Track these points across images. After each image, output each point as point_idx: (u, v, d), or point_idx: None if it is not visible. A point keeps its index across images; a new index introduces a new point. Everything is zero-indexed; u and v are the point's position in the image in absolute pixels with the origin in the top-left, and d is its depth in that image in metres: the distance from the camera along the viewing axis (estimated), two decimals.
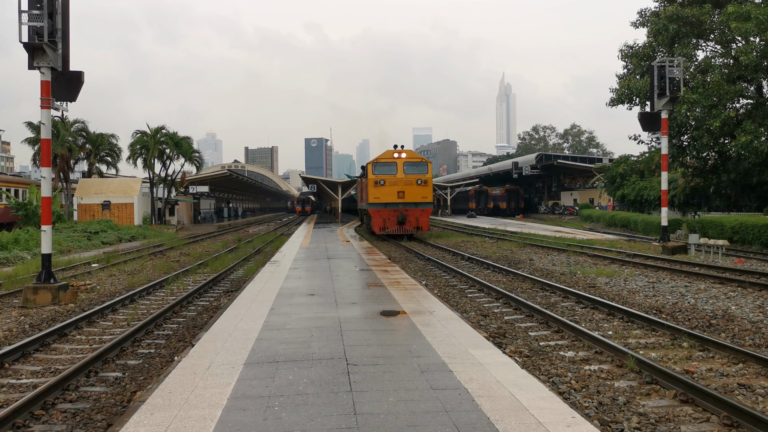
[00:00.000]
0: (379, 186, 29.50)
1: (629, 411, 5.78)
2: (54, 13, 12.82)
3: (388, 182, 29.46)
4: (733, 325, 9.58)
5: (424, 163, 30.75)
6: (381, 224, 29.54)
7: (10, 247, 23.94)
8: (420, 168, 30.26)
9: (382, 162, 30.33)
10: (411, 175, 29.82)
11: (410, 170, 29.95)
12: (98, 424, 6.05)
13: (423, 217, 29.76)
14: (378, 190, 29.55)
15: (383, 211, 29.50)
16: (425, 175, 30.21)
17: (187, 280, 16.62)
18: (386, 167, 30.06)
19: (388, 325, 8.76)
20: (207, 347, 7.48)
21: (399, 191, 29.37)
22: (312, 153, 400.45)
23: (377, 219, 29.68)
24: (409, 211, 29.50)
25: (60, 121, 44.39)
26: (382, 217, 29.52)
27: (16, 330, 10.41)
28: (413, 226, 29.52)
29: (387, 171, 29.89)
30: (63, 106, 14.04)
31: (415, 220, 29.54)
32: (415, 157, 30.80)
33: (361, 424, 4.88)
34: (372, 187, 29.67)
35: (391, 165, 30.06)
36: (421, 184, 29.70)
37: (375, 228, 29.76)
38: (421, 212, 29.72)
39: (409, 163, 30.19)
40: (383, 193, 29.44)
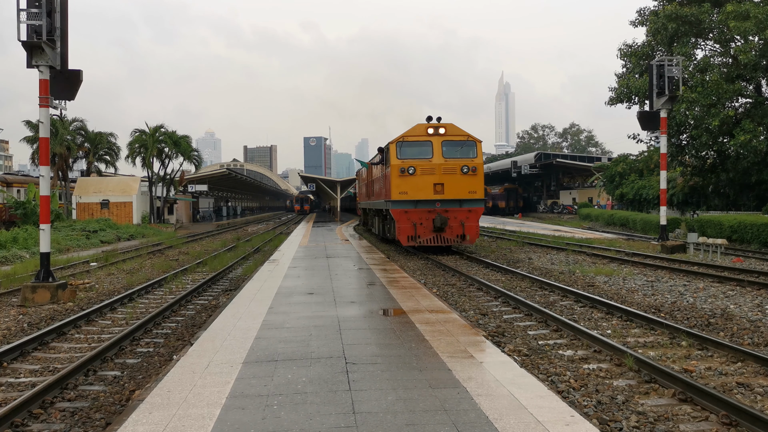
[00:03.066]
0: (406, 176, 20.54)
1: (628, 410, 5.78)
2: (52, 11, 12.80)
3: (420, 170, 20.55)
4: (731, 324, 9.58)
5: (472, 143, 21.25)
6: (410, 231, 20.49)
7: (8, 245, 23.92)
8: (466, 149, 21.18)
9: (412, 141, 21.05)
10: (453, 159, 20.76)
11: (452, 153, 21.00)
12: (97, 423, 6.04)
13: (470, 221, 20.77)
14: (405, 182, 20.58)
15: (413, 213, 20.54)
16: (473, 159, 20.96)
17: (185, 279, 16.61)
18: (417, 148, 21.04)
19: (387, 323, 8.76)
20: (206, 346, 7.48)
21: (436, 183, 20.57)
22: (311, 152, 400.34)
23: (404, 224, 20.53)
24: (450, 213, 20.63)
25: (59, 119, 44.33)
26: (411, 222, 20.46)
27: (15, 329, 10.39)
28: (456, 234, 20.49)
29: (418, 154, 20.94)
30: (62, 104, 14.02)
31: (458, 226, 20.49)
32: (458, 133, 21.33)
33: (360, 423, 4.88)
34: (396, 177, 20.66)
35: (424, 145, 21.02)
36: (468, 172, 20.68)
37: (400, 236, 20.58)
38: (468, 214, 20.77)
39: (451, 143, 21.08)
40: (413, 185, 20.58)
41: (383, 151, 23.37)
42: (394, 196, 20.76)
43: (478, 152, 21.32)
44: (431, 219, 20.56)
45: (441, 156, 20.79)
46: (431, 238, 20.50)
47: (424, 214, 20.60)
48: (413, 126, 21.54)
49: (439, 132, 21.12)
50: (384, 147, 23.27)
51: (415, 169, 20.64)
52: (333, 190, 71.94)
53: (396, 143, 21.15)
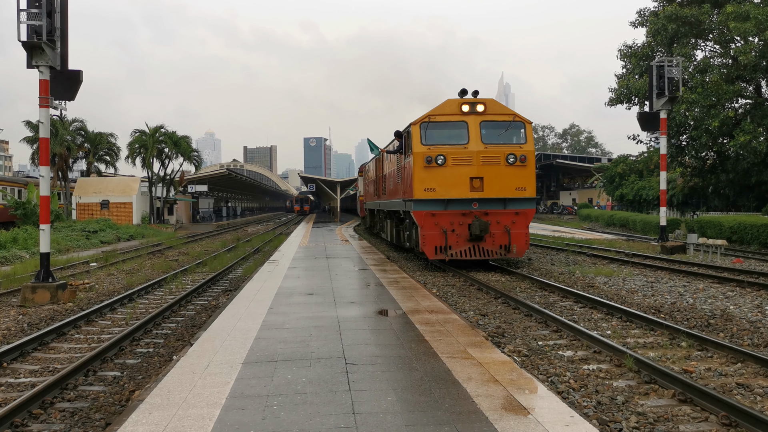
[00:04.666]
0: (434, 167, 15.97)
1: (628, 410, 5.78)
2: (53, 11, 12.80)
3: (452, 160, 16.00)
4: (731, 324, 9.58)
5: (519, 124, 16.51)
6: (438, 240, 15.93)
7: (8, 246, 23.92)
8: (511, 132, 16.47)
9: (441, 121, 16.35)
10: (495, 146, 16.14)
11: (494, 136, 16.34)
12: (96, 423, 6.04)
13: (518, 226, 16.13)
14: (432, 176, 16.00)
15: (443, 216, 16.01)
16: (522, 146, 16.30)
17: (185, 280, 16.60)
18: (448, 131, 16.50)
19: (387, 324, 8.76)
20: (206, 346, 7.48)
21: (473, 177, 15.98)
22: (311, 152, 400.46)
23: (431, 230, 16.01)
24: (492, 216, 16.06)
25: (59, 120, 44.34)
26: (439, 228, 15.95)
27: (15, 329, 10.39)
28: (500, 243, 16.05)
29: (450, 138, 16.39)
30: (62, 104, 14.03)
31: (502, 233, 16.04)
32: (501, 111, 16.71)
33: (360, 424, 4.88)
34: (420, 169, 16.09)
35: (456, 127, 16.36)
36: (515, 163, 16.04)
37: (426, 247, 15.96)
38: (515, 218, 16.15)
39: (492, 124, 16.42)
40: (443, 180, 16.01)
41: (402, 135, 18.09)
42: (417, 194, 15.97)
43: (527, 136, 16.37)
44: (466, 224, 15.88)
45: (479, 141, 16.01)
46: (466, 249, 15.76)
47: (456, 217, 15.93)
48: (442, 102, 16.49)
49: (476, 110, 16.16)
50: (403, 130, 17.99)
51: (445, 159, 15.83)
52: (333, 190, 71.98)
53: (420, 124, 16.21)
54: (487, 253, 15.98)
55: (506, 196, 16.03)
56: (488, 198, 16.00)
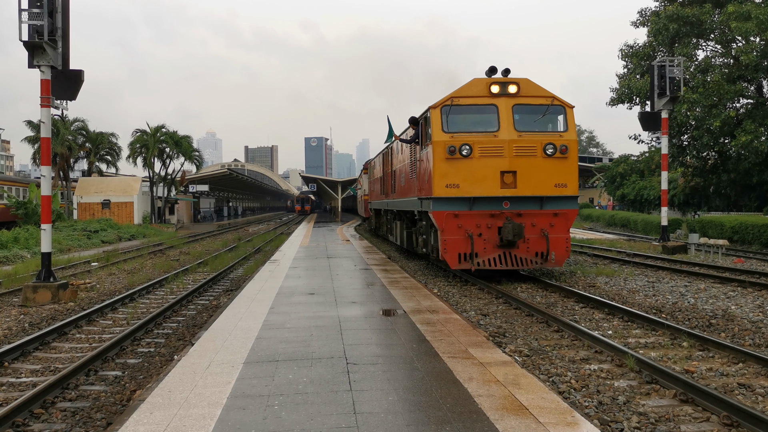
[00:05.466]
0: (457, 159, 13.52)
1: (629, 410, 5.78)
2: (54, 11, 12.81)
3: (479, 150, 13.52)
4: (733, 324, 9.58)
5: (559, 108, 14.17)
6: (462, 247, 13.47)
7: (9, 245, 23.94)
8: (550, 117, 14.19)
9: (466, 104, 13.95)
10: (531, 134, 13.72)
11: (529, 123, 13.94)
12: (98, 422, 6.05)
13: (557, 230, 13.74)
14: (455, 169, 13.57)
15: (468, 217, 13.57)
16: (563, 134, 13.90)
17: (186, 279, 16.61)
18: (474, 116, 14.13)
19: (388, 324, 8.76)
20: (207, 346, 7.48)
21: (505, 171, 13.56)
22: (312, 152, 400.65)
23: (453, 235, 13.55)
24: (526, 218, 13.66)
25: (60, 119, 44.37)
26: (464, 231, 13.52)
27: (16, 328, 10.40)
28: (535, 251, 13.63)
29: (476, 124, 14.00)
30: (63, 104, 14.04)
31: (539, 238, 13.61)
32: (537, 93, 14.15)
33: (361, 423, 4.88)
34: (441, 160, 13.61)
35: (484, 111, 13.99)
36: (555, 154, 13.64)
37: (448, 255, 13.52)
38: (554, 220, 13.76)
39: (527, 108, 14.04)
40: (468, 174, 13.56)
41: (418, 122, 15.56)
42: (437, 191, 13.48)
43: (569, 123, 13.94)
44: (496, 227, 13.42)
45: (512, 128, 13.52)
46: (496, 257, 13.39)
47: (484, 219, 13.47)
48: (468, 82, 14.04)
49: (508, 91, 13.72)
50: (419, 116, 15.41)
51: (471, 149, 13.37)
52: (334, 190, 72.02)
53: (441, 108, 13.73)
54: (520, 261, 13.53)
55: (543, 194, 13.60)
56: (522, 196, 13.57)
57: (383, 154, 24.29)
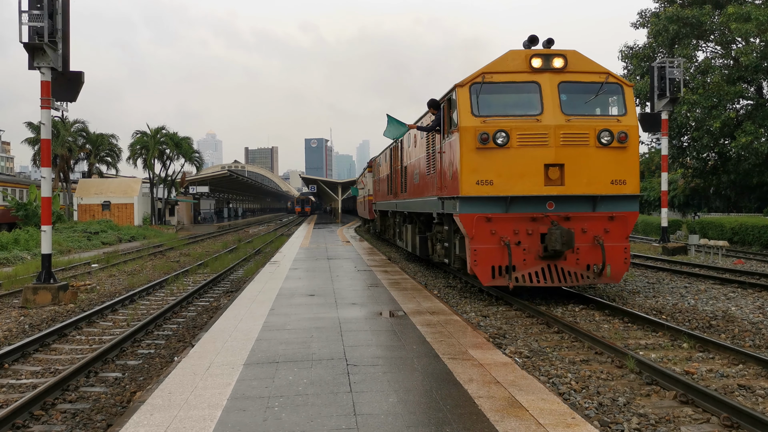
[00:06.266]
0: (490, 150, 11.12)
1: (629, 412, 5.78)
2: (54, 13, 12.81)
3: (518, 138, 11.10)
4: (733, 326, 9.57)
5: (616, 87, 11.78)
6: (497, 258, 11.03)
7: (10, 247, 23.95)
8: (606, 98, 11.91)
9: (501, 82, 11.55)
10: (581, 118, 11.40)
11: (578, 104, 11.69)
12: (98, 424, 6.05)
13: (613, 237, 11.32)
14: (487, 161, 11.16)
15: (503, 222, 11.13)
16: (621, 118, 11.57)
17: (187, 281, 16.62)
18: (511, 95, 11.91)
19: (388, 325, 8.76)
20: (207, 347, 7.48)
21: (550, 164, 11.17)
22: (312, 153, 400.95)
23: (485, 243, 11.06)
24: (575, 222, 11.23)
25: (60, 121, 44.40)
26: (498, 239, 11.05)
27: (16, 330, 10.41)
28: (587, 263, 11.21)
29: (513, 106, 11.78)
30: (63, 106, 14.05)
31: (592, 248, 11.20)
32: (588, 68, 11.74)
33: (361, 425, 4.88)
34: (470, 151, 11.18)
35: (524, 90, 11.66)
36: (612, 143, 11.30)
37: (479, 267, 11.00)
38: (610, 225, 11.33)
39: (576, 86, 11.71)
40: (504, 167, 11.14)
41: (439, 105, 12.92)
42: (465, 188, 11.01)
43: (627, 105, 11.53)
44: (538, 234, 10.95)
45: (558, 110, 11.09)
46: (539, 271, 10.86)
47: (524, 223, 10.96)
48: (502, 55, 11.58)
49: (552, 65, 11.31)
50: (441, 98, 12.76)
51: (508, 136, 10.90)
52: (334, 191, 72.05)
53: (470, 86, 11.24)
54: (567, 276, 10.93)
55: (597, 193, 11.06)
56: (571, 195, 11.03)
57: (391, 150, 22.09)
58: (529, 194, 11.02)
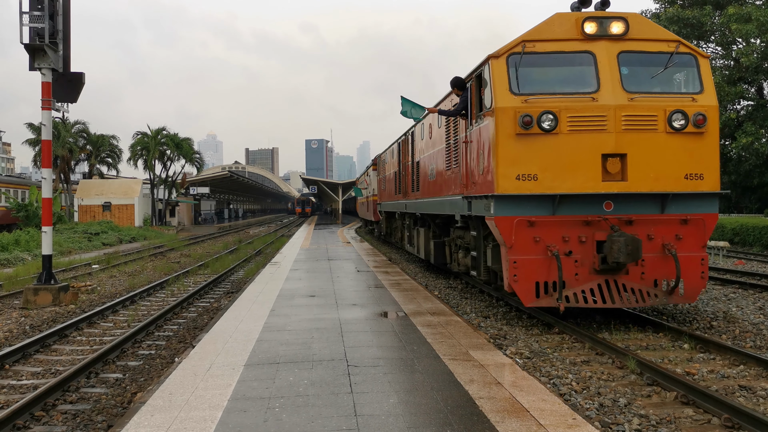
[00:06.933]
0: (534, 136, 8.79)
1: (630, 413, 5.77)
2: (55, 14, 12.83)
3: (569, 121, 8.79)
4: (734, 326, 9.56)
5: (689, 58, 9.33)
6: (542, 272, 8.77)
7: (10, 248, 23.96)
8: (676, 72, 9.57)
9: (546, 52, 9.18)
10: (647, 96, 8.99)
11: (643, 80, 9.29)
12: (98, 425, 6.05)
13: (687, 245, 8.99)
14: (530, 150, 8.83)
15: (551, 225, 8.84)
16: (696, 96, 9.12)
17: (187, 282, 16.62)
18: (559, 69, 9.46)
19: (389, 326, 8.75)
20: (207, 348, 7.48)
21: (608, 154, 8.84)
22: (312, 154, 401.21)
23: (527, 251, 8.78)
24: (640, 227, 8.92)
25: (61, 122, 44.43)
26: (543, 249, 8.78)
27: (17, 331, 10.41)
28: (654, 277, 9.01)
29: (562, 82, 9.37)
30: (64, 107, 14.06)
31: (660, 258, 8.93)
32: (654, 34, 9.37)
33: (362, 426, 4.88)
34: (508, 137, 8.83)
35: (574, 61, 9.31)
36: (686, 127, 8.89)
37: (519, 283, 8.74)
38: (682, 230, 9.02)
39: (640, 57, 9.29)
40: (551, 158, 8.82)
41: (464, 85, 10.81)
42: (501, 184, 8.90)
43: (704, 81, 9.33)
44: (593, 242, 8.90)
45: (619, 87, 8.98)
46: (595, 289, 8.85)
47: (575, 229, 8.92)
48: (547, 19, 9.52)
49: (610, 31, 9.20)
50: (469, 75, 10.56)
51: (556, 119, 8.80)
52: (334, 192, 72.08)
53: (507, 57, 9.15)
54: (631, 295, 8.83)
55: (668, 190, 8.91)
56: (634, 193, 8.88)
57: (399, 144, 19.75)
58: (582, 192, 8.85)
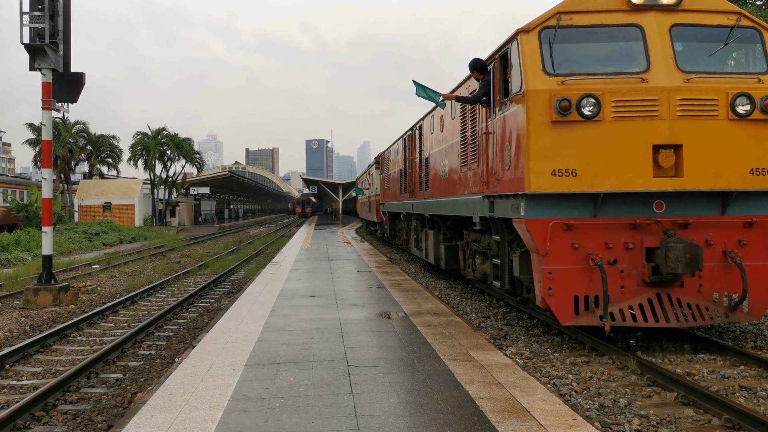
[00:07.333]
0: (571, 125, 7.44)
1: (630, 413, 5.77)
2: (55, 14, 12.83)
3: (613, 106, 7.43)
4: (734, 326, 9.56)
5: (753, 33, 7.91)
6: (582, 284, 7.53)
7: (11, 248, 23.96)
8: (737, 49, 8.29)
9: (586, 25, 7.80)
10: (705, 77, 7.57)
11: (699, 57, 7.87)
12: (99, 425, 6.06)
13: (753, 252, 7.69)
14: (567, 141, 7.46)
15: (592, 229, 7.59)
16: (762, 78, 7.67)
17: (187, 282, 16.62)
18: (601, 44, 8.02)
19: (389, 326, 8.75)
20: (208, 348, 7.48)
21: (660, 145, 7.43)
22: (313, 154, 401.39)
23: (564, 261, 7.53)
24: (696, 230, 7.64)
25: (61, 122, 44.44)
26: (584, 256, 7.51)
27: (17, 331, 10.41)
28: (715, 291, 7.73)
29: (604, 60, 7.95)
30: (64, 107, 14.06)
31: (721, 267, 7.65)
32: (710, 5, 7.90)
33: (362, 426, 4.87)
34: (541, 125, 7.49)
35: (620, 36, 7.87)
36: (751, 113, 7.46)
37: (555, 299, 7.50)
38: (747, 234, 7.71)
39: (693, 31, 7.88)
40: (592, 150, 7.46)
41: (485, 68, 9.49)
42: (533, 181, 7.61)
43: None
44: (641, 249, 7.69)
45: (672, 66, 7.67)
46: (644, 303, 7.65)
47: (620, 233, 7.73)
48: None
49: (660, 1, 7.90)
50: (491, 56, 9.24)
51: (598, 105, 7.50)
52: (335, 192, 72.06)
53: (539, 32, 7.88)
54: (687, 311, 7.61)
55: (730, 188, 7.63)
56: (691, 191, 7.63)
57: (405, 139, 18.29)
58: (630, 190, 7.54)
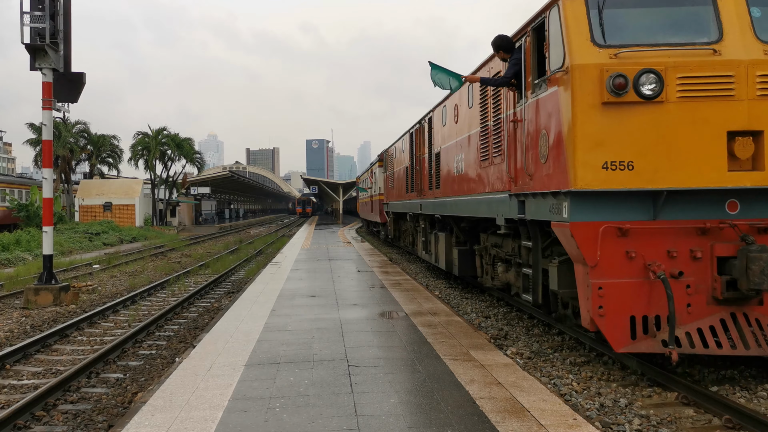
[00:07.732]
0: (626, 106, 5.95)
1: (631, 413, 5.77)
2: (56, 14, 12.83)
3: (679, 84, 5.92)
4: None
5: None
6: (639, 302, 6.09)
7: (11, 248, 23.97)
8: None
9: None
10: None
11: None
12: (99, 425, 6.06)
13: None
14: (622, 126, 5.97)
15: (651, 235, 6.15)
16: None
17: (188, 282, 16.62)
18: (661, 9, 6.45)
19: (390, 326, 8.75)
20: (208, 348, 7.48)
21: (735, 132, 5.94)
22: (313, 154, 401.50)
23: (617, 275, 6.12)
24: None
25: (61, 122, 44.45)
26: (641, 267, 6.11)
27: (18, 331, 10.42)
28: None
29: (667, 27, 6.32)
30: (64, 107, 14.06)
31: None
32: None
33: (363, 426, 4.88)
34: (590, 109, 5.98)
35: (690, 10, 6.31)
36: None
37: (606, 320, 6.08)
38: None
39: None
40: (652, 138, 5.95)
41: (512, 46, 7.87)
42: (580, 175, 6.08)
43: None
44: (712, 258, 6.23)
45: (750, 35, 6.11)
46: (716, 325, 6.16)
47: (685, 239, 6.25)
48: None
49: None
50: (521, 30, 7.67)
51: (660, 82, 5.97)
52: (335, 192, 72.08)
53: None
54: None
55: None
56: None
57: (412, 134, 16.82)
58: (700, 186, 6.16)
